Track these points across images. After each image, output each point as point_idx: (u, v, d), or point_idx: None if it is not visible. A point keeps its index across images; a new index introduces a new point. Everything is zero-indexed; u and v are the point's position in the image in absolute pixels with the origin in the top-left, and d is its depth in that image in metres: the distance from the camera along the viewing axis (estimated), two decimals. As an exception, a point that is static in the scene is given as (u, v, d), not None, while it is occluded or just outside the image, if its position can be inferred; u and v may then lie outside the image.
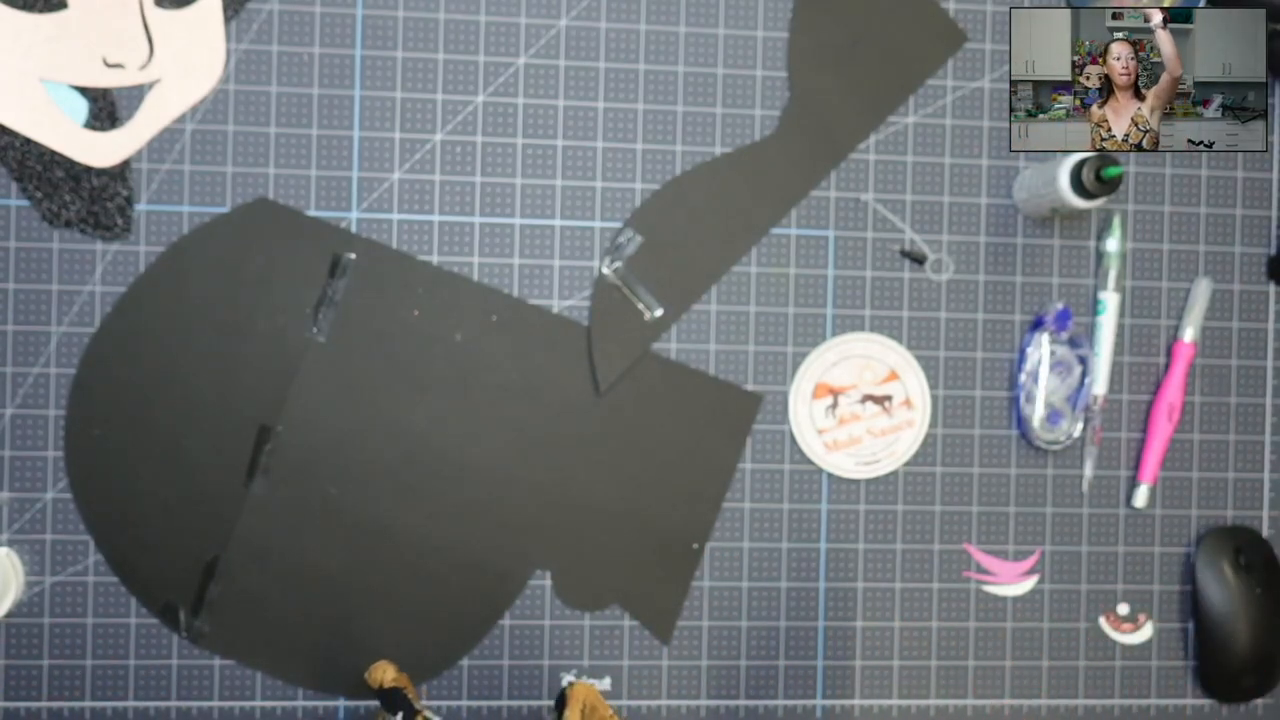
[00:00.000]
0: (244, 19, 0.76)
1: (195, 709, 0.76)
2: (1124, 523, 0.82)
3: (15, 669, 0.75)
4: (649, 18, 0.79)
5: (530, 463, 0.78)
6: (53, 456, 0.75)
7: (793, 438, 0.80)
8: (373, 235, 0.77)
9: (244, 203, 0.76)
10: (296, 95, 0.76)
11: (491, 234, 0.78)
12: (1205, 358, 0.83)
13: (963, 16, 0.81)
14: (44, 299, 0.75)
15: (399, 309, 0.77)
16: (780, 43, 0.80)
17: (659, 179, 0.79)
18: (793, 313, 0.80)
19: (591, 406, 0.78)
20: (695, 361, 0.79)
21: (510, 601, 0.78)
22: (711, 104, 0.79)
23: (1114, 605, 0.82)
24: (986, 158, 0.81)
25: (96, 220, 0.75)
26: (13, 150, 0.74)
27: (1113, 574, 0.82)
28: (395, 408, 0.77)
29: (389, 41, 0.77)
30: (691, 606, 0.79)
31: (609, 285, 0.78)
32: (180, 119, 0.76)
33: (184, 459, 0.75)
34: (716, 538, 0.79)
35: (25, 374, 0.75)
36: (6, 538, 0.75)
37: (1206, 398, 0.82)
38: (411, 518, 0.77)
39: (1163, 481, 0.82)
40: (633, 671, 0.79)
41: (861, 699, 0.80)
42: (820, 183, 0.80)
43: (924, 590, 0.81)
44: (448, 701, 0.77)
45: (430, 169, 0.77)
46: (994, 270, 0.81)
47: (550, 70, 0.78)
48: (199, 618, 0.76)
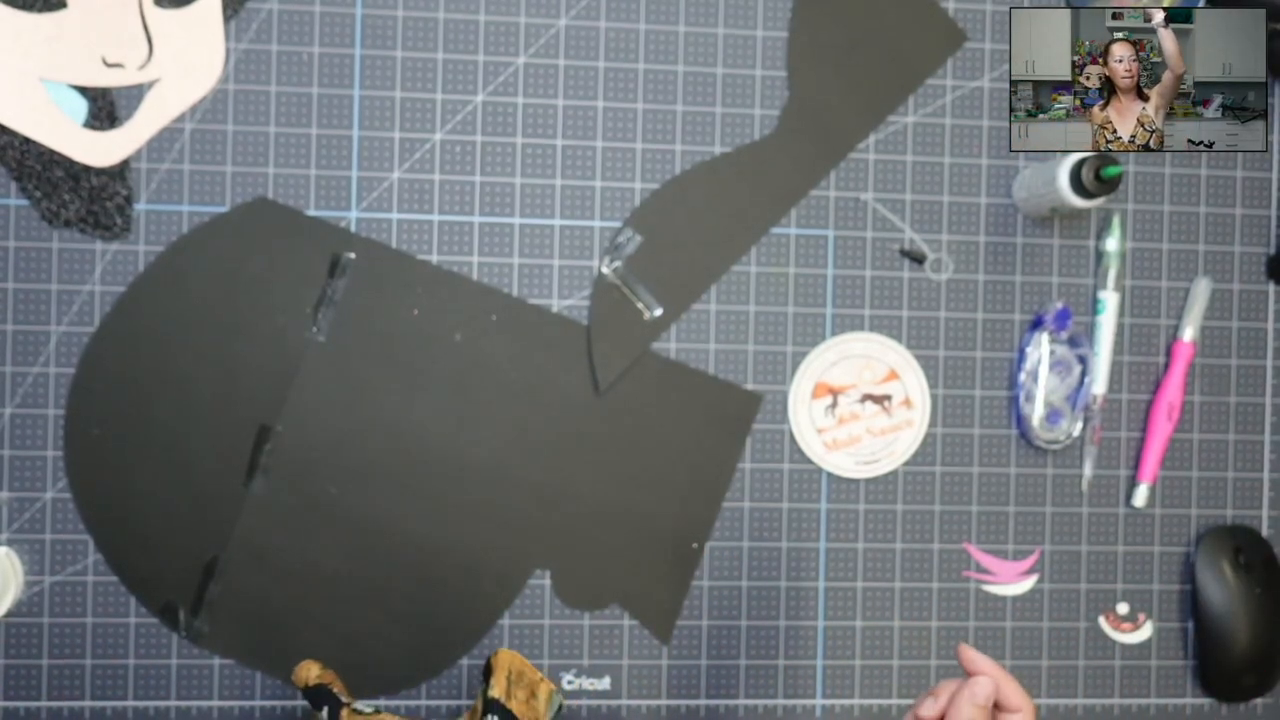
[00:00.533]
0: (243, 18, 0.76)
1: (195, 709, 0.76)
2: (1124, 522, 0.82)
3: (15, 669, 0.75)
4: (648, 17, 0.79)
5: (530, 463, 0.78)
6: (52, 456, 0.75)
7: (792, 437, 0.80)
8: (372, 235, 0.77)
9: (243, 202, 0.76)
10: (296, 95, 0.76)
11: (491, 233, 0.78)
12: (1205, 357, 0.83)
13: (963, 16, 0.81)
14: (43, 298, 0.75)
15: (399, 309, 0.77)
16: (780, 42, 0.80)
17: (658, 178, 0.79)
18: (792, 312, 0.80)
19: (591, 406, 0.78)
20: (695, 361, 0.79)
21: (510, 601, 0.78)
22: (711, 103, 0.79)
23: (1114, 605, 0.82)
24: (986, 157, 0.81)
25: (96, 220, 0.75)
26: (12, 150, 0.74)
27: (1112, 573, 0.82)
28: (395, 408, 0.77)
29: (388, 41, 0.77)
30: (691, 606, 0.79)
31: (608, 285, 0.78)
32: (180, 118, 0.76)
33: (184, 459, 0.75)
34: (716, 537, 0.79)
35: (25, 373, 0.75)
36: (6, 537, 0.75)
37: (1206, 397, 0.83)
38: (411, 518, 0.77)
39: (1162, 481, 0.82)
40: (633, 671, 0.79)
41: (861, 699, 0.80)
42: (820, 182, 0.80)
43: (924, 590, 0.81)
44: (448, 701, 0.77)
45: (430, 168, 0.77)
46: (993, 270, 0.81)
47: (550, 70, 0.78)
48: (198, 617, 0.76)
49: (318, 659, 0.76)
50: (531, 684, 0.68)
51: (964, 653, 0.58)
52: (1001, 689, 0.56)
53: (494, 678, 0.66)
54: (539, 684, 0.69)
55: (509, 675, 0.67)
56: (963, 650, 0.58)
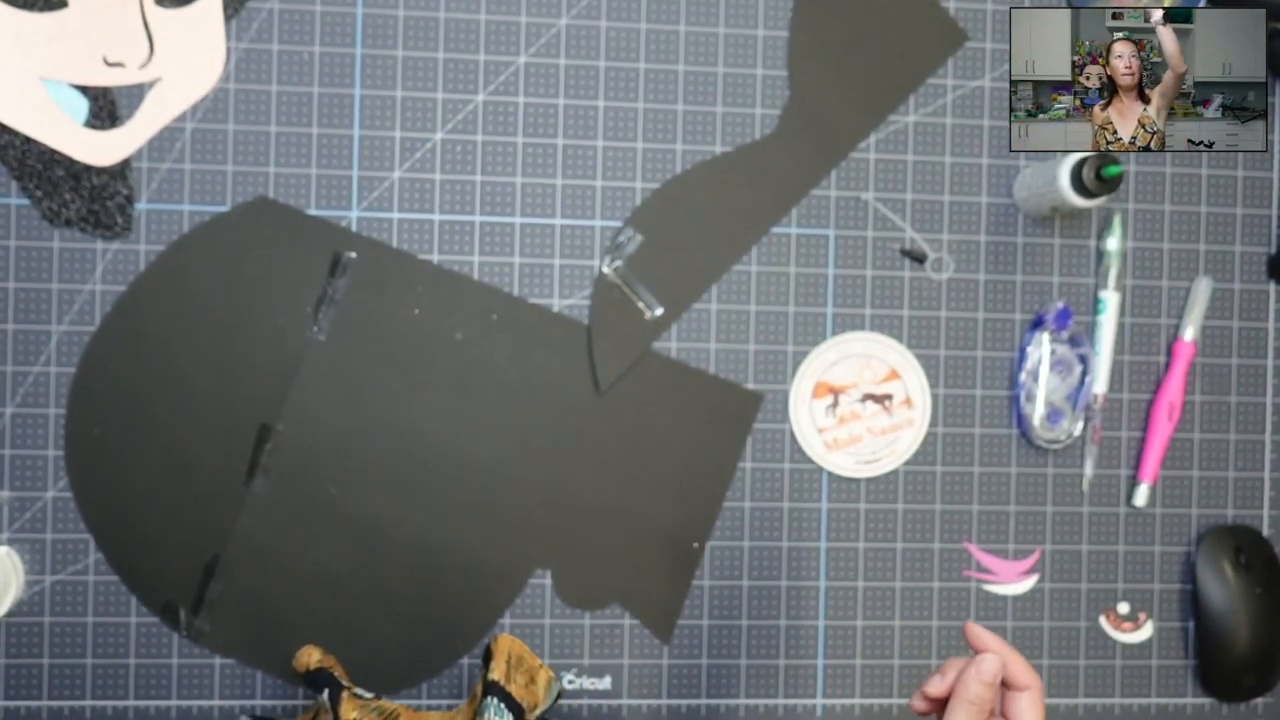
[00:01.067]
0: (244, 18, 0.76)
1: (195, 708, 0.76)
2: (1124, 522, 0.82)
3: (15, 668, 0.75)
4: (649, 17, 0.79)
5: (530, 462, 0.78)
6: (53, 455, 0.75)
7: (793, 437, 0.80)
8: (373, 234, 0.77)
9: (244, 202, 0.76)
10: (297, 94, 0.76)
11: (492, 233, 0.78)
12: (1205, 357, 0.83)
13: (963, 16, 0.81)
14: (44, 298, 0.75)
15: (399, 308, 0.77)
16: (780, 42, 0.80)
17: (659, 178, 0.79)
18: (793, 312, 0.80)
19: (591, 406, 0.78)
20: (695, 360, 0.79)
21: (511, 601, 0.78)
22: (712, 103, 0.79)
23: (1114, 604, 0.82)
24: (986, 157, 0.81)
25: (97, 219, 0.75)
26: (13, 149, 0.74)
27: (1113, 573, 0.82)
28: (395, 407, 0.77)
29: (389, 40, 0.77)
30: (691, 606, 0.79)
31: (609, 284, 0.78)
32: (180, 118, 0.76)
33: (184, 458, 0.75)
34: (716, 537, 0.79)
35: (25, 373, 0.75)
36: (7, 537, 0.75)
37: (1207, 397, 0.83)
38: (411, 517, 0.77)
39: (1163, 480, 0.82)
40: (633, 671, 0.79)
41: (861, 698, 0.80)
42: (820, 182, 0.80)
43: (924, 589, 0.81)
44: (448, 701, 0.77)
45: (430, 168, 0.77)
46: (994, 269, 0.81)
47: (550, 69, 0.78)
48: (199, 617, 0.76)
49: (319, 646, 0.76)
50: (531, 670, 0.68)
51: (970, 630, 0.57)
52: (1009, 667, 0.56)
53: (494, 661, 0.67)
54: (538, 670, 0.69)
55: (509, 660, 0.67)
56: (969, 628, 0.58)
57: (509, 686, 0.66)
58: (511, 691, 0.66)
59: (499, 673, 0.66)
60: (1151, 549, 0.82)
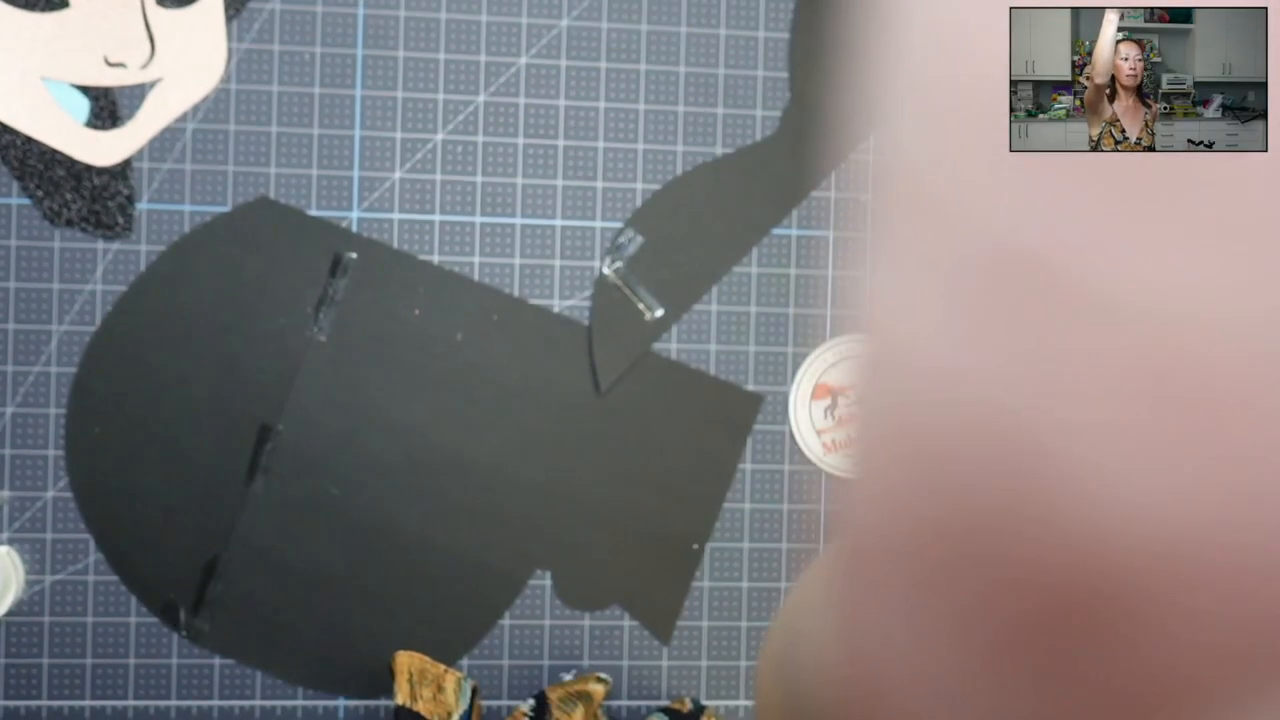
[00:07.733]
0: (245, 18, 0.76)
1: (195, 708, 0.76)
2: (1125, 523, 0.82)
3: (15, 668, 0.75)
4: (650, 18, 0.79)
5: (530, 463, 0.78)
6: (53, 455, 0.75)
7: (793, 438, 0.80)
8: (373, 235, 0.77)
9: (245, 202, 0.76)
10: (298, 95, 0.77)
11: (492, 234, 0.78)
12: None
13: (963, 17, 0.81)
14: (45, 298, 0.75)
15: (400, 308, 0.77)
16: (782, 43, 0.80)
17: (660, 179, 0.79)
18: (793, 313, 0.80)
19: (591, 406, 0.78)
20: (695, 361, 0.79)
21: (510, 601, 0.78)
22: (713, 104, 0.79)
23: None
24: (987, 158, 0.81)
25: (97, 219, 0.75)
26: (14, 149, 0.74)
27: (1114, 575, 0.82)
28: (395, 407, 0.77)
29: (390, 41, 0.77)
30: (691, 606, 0.79)
31: (610, 285, 0.78)
32: (181, 118, 0.76)
33: (184, 458, 0.75)
34: (716, 538, 0.79)
35: (26, 373, 0.75)
36: (7, 536, 0.75)
37: (1207, 398, 0.82)
38: (411, 517, 0.77)
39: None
40: (633, 671, 0.79)
41: (862, 700, 0.80)
42: (821, 183, 0.80)
43: (925, 591, 0.80)
44: (448, 701, 0.77)
45: (431, 169, 0.77)
46: (995, 270, 0.81)
47: (551, 70, 0.78)
48: (199, 616, 0.76)
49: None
50: (436, 678, 0.68)
51: None
52: None
53: (395, 684, 0.66)
54: (444, 676, 0.68)
55: (410, 678, 0.67)
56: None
57: (416, 705, 0.65)
58: (419, 710, 0.65)
59: (403, 695, 0.65)
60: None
